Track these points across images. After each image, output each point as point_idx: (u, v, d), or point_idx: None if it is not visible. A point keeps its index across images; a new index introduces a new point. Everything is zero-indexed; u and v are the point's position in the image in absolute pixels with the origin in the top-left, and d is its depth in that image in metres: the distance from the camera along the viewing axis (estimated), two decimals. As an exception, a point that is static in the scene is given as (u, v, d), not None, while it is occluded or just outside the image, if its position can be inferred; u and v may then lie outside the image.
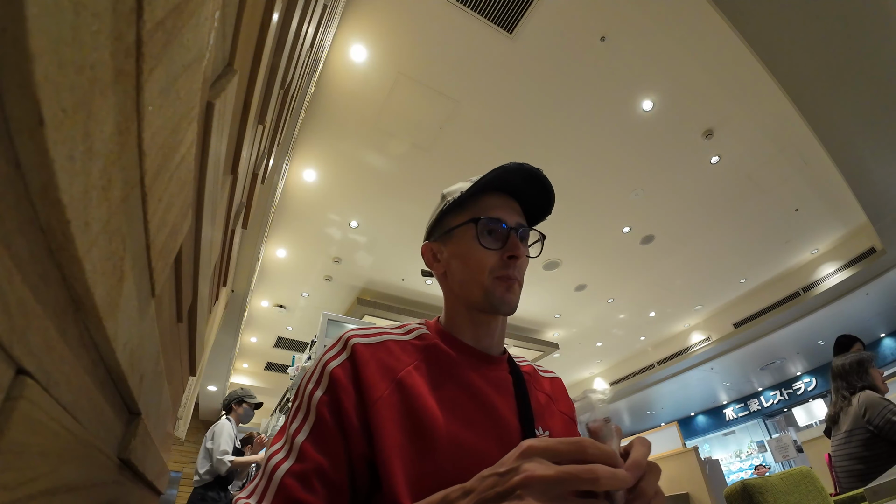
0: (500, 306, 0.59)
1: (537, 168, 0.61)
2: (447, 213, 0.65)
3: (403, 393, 0.53)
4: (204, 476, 2.92)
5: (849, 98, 3.22)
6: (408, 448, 0.49)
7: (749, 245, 5.68)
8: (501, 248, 0.60)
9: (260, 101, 1.02)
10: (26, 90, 0.16)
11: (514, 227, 0.61)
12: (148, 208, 0.32)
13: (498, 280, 0.59)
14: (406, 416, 0.51)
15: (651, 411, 10.91)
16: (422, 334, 0.62)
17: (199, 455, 3.04)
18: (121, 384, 0.39)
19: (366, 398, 0.51)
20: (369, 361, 0.54)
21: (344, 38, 3.07)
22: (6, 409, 0.19)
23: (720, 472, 4.79)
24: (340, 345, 0.57)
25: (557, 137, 3.92)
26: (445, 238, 0.64)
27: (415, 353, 0.58)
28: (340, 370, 0.53)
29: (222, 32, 0.52)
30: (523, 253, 0.61)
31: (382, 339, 0.58)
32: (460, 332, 0.63)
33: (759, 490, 1.34)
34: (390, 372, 0.54)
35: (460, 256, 0.62)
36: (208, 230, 0.68)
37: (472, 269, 0.60)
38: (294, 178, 4.14)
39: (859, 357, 2.19)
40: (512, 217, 0.62)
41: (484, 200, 0.62)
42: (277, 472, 0.48)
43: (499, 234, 0.60)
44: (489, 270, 0.59)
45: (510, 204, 0.63)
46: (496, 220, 0.60)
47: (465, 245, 0.61)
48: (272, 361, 7.93)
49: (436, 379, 0.56)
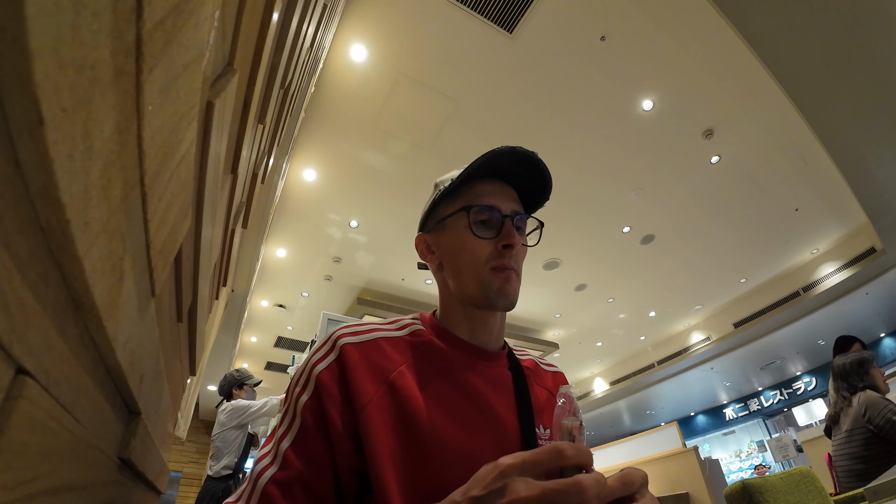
0: (497, 300, 0.56)
1: (531, 151, 0.57)
2: (440, 203, 0.62)
3: (395, 395, 0.50)
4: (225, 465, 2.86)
5: (849, 98, 3.22)
6: (400, 453, 0.48)
7: (749, 245, 5.68)
8: (496, 237, 0.56)
9: (260, 100, 1.02)
10: (26, 89, 0.16)
11: (510, 214, 0.58)
12: (148, 208, 0.32)
13: (494, 271, 0.56)
14: (398, 420, 0.49)
15: (651, 411, 10.91)
16: (415, 330, 0.59)
17: (219, 443, 2.96)
18: (121, 384, 0.39)
19: (354, 403, 0.49)
20: (359, 364, 0.52)
21: (344, 38, 3.07)
22: (6, 409, 0.19)
23: (720, 472, 4.80)
24: (329, 345, 0.54)
25: (557, 137, 3.92)
26: (438, 228, 0.61)
27: (407, 351, 0.56)
28: (327, 373, 0.51)
29: (222, 32, 0.52)
30: (519, 242, 0.57)
31: (373, 337, 0.55)
32: (456, 327, 0.60)
33: (759, 490, 1.34)
34: (381, 373, 0.52)
35: (454, 247, 0.59)
36: (208, 230, 0.68)
37: (466, 259, 0.57)
38: (294, 177, 4.14)
39: (860, 357, 2.18)
40: (507, 204, 0.58)
41: (477, 187, 0.59)
42: (261, 480, 0.47)
43: (493, 223, 0.57)
44: (484, 261, 0.56)
45: (505, 190, 0.60)
46: (489, 207, 0.57)
47: (459, 235, 0.58)
48: (272, 361, 7.93)
49: (429, 378, 0.54)
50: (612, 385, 9.12)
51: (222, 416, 2.98)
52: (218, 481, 2.84)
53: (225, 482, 2.84)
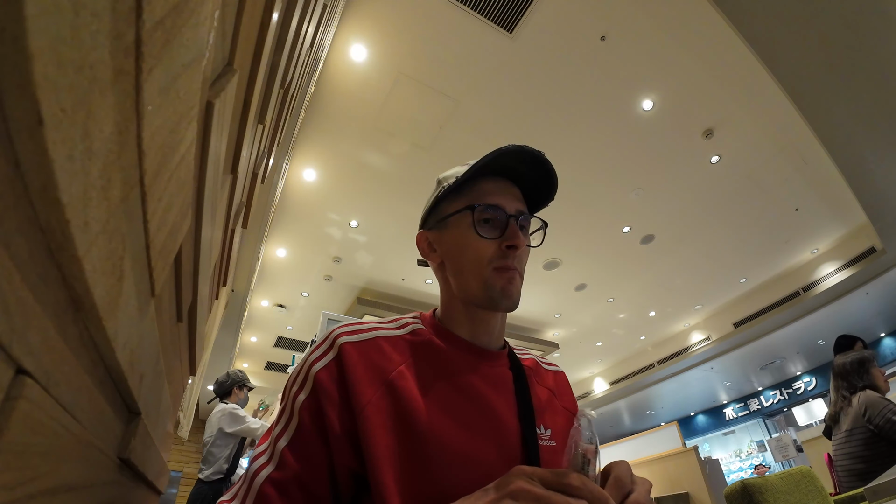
0: (500, 300, 0.55)
1: (539, 150, 0.56)
2: (443, 200, 0.60)
3: (394, 396, 0.50)
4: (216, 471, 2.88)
5: (849, 98, 3.22)
6: (399, 454, 0.47)
7: (749, 244, 5.68)
8: (500, 237, 0.55)
9: (260, 100, 1.02)
10: (25, 90, 0.16)
11: (514, 214, 0.57)
12: (147, 208, 0.32)
13: (497, 271, 0.55)
14: (397, 421, 0.49)
15: (651, 411, 10.91)
16: (416, 329, 0.58)
17: (213, 448, 2.97)
18: (121, 384, 0.39)
19: (353, 404, 0.49)
20: (358, 363, 0.51)
21: (344, 38, 3.07)
22: (6, 409, 0.19)
23: (720, 472, 4.80)
24: (328, 343, 0.53)
25: (557, 137, 3.92)
26: (441, 226, 0.60)
27: (407, 351, 0.55)
28: (325, 373, 0.50)
29: (222, 32, 0.52)
30: (524, 242, 0.56)
31: (372, 336, 0.54)
32: (457, 326, 0.59)
33: (759, 490, 1.34)
34: (380, 373, 0.51)
35: (456, 246, 0.58)
36: (208, 230, 0.68)
37: (468, 259, 0.56)
38: (294, 177, 4.14)
39: (861, 356, 2.18)
40: (512, 203, 0.57)
41: (481, 186, 0.58)
42: (258, 479, 0.47)
43: (497, 222, 0.56)
44: (487, 261, 0.55)
45: (510, 189, 0.59)
46: (494, 206, 0.56)
47: (462, 234, 0.57)
48: (272, 361, 7.94)
49: (429, 379, 0.53)
50: (612, 385, 9.12)
51: (219, 421, 2.97)
52: (209, 485, 2.86)
53: (217, 486, 2.86)
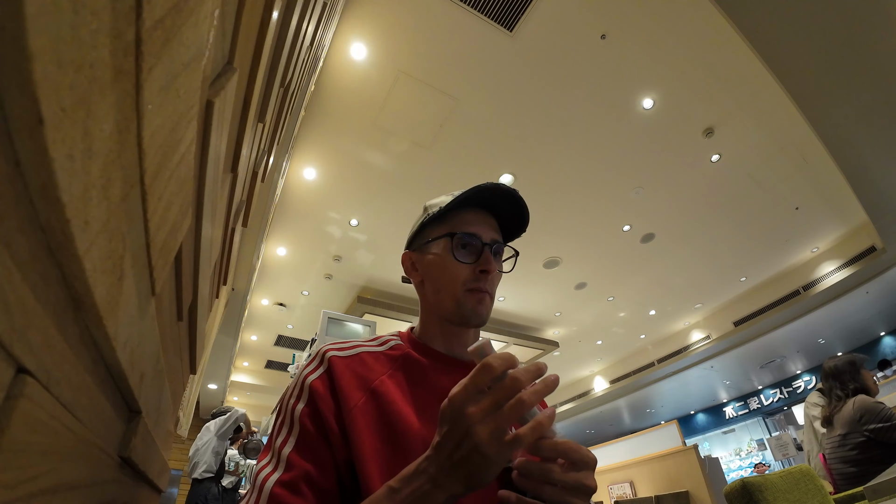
0: (470, 318, 0.62)
1: (513, 188, 0.64)
2: (427, 225, 0.68)
3: (378, 401, 0.55)
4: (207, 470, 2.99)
5: (849, 96, 3.22)
6: (383, 452, 0.52)
7: (749, 243, 5.67)
8: (475, 263, 0.62)
9: (260, 99, 1.01)
10: (25, 89, 0.16)
11: (489, 242, 0.63)
12: (148, 207, 0.32)
13: (469, 293, 0.62)
14: (381, 422, 0.54)
15: (651, 409, 10.92)
16: (395, 345, 0.65)
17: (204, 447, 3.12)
18: (121, 382, 0.39)
19: (343, 406, 0.54)
20: (345, 373, 0.57)
21: (344, 36, 3.06)
22: (7, 408, 0.19)
23: (720, 471, 4.80)
24: (318, 359, 0.60)
25: (558, 135, 3.91)
26: (424, 249, 0.67)
27: (388, 364, 0.61)
28: (319, 382, 0.56)
29: (222, 30, 0.52)
30: (495, 268, 0.63)
31: (357, 352, 0.61)
32: (432, 340, 0.66)
33: (758, 488, 1.34)
34: (365, 382, 0.57)
35: (436, 267, 0.64)
36: (208, 228, 0.68)
37: (446, 280, 0.63)
38: (294, 176, 4.14)
39: (851, 358, 2.26)
40: (487, 233, 0.64)
41: (462, 215, 0.65)
42: (267, 484, 0.49)
43: (473, 249, 0.63)
44: (462, 283, 0.62)
45: (487, 220, 0.66)
46: (471, 234, 0.63)
47: (441, 257, 0.64)
48: (272, 360, 7.94)
49: (408, 386, 0.59)
50: (612, 383, 9.12)
51: (214, 426, 3.24)
52: (202, 483, 2.97)
53: (209, 484, 2.98)
